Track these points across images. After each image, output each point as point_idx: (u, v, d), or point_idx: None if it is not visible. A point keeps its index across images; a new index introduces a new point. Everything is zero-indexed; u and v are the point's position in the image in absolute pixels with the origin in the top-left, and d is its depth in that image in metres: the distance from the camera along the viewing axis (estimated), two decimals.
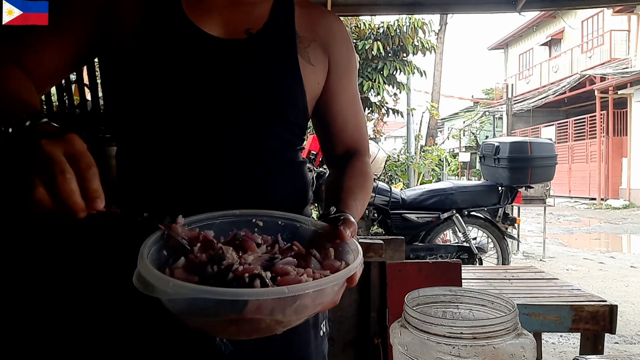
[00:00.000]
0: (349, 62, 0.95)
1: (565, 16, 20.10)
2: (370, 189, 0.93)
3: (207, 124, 0.80)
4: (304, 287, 0.53)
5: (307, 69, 0.87)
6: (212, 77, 0.80)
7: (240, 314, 0.50)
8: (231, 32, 0.83)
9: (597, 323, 2.09)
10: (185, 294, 0.50)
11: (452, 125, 24.21)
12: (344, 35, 0.95)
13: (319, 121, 0.97)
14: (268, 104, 0.84)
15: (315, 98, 0.91)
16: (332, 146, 0.98)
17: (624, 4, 9.92)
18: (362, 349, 1.78)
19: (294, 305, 0.53)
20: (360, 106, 1.01)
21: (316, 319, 0.90)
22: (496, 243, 4.51)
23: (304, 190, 0.92)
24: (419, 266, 1.78)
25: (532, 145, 4.62)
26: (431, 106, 12.74)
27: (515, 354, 0.56)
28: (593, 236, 9.03)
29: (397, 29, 9.08)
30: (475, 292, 0.65)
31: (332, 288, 0.57)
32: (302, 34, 0.89)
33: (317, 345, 0.90)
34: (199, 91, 0.80)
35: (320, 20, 0.93)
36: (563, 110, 20.12)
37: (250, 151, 0.83)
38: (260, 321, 0.52)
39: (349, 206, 0.80)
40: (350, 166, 0.93)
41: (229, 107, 0.81)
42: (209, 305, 0.50)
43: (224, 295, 0.49)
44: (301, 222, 0.70)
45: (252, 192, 0.82)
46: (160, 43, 0.80)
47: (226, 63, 0.81)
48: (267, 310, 0.52)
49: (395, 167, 9.76)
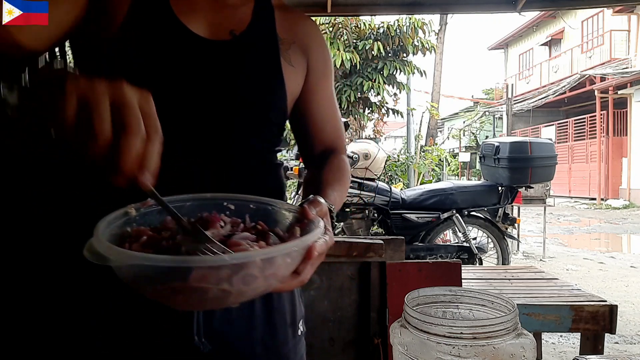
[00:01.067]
0: (325, 64, 0.98)
1: (565, 16, 20.11)
2: (348, 184, 0.95)
3: (190, 123, 0.80)
4: (247, 255, 0.53)
5: (288, 70, 0.89)
6: (197, 77, 0.81)
7: (185, 282, 0.51)
8: (216, 33, 0.84)
9: (597, 323, 2.09)
10: (125, 261, 0.52)
11: (452, 125, 24.21)
12: (320, 38, 0.99)
13: (297, 122, 0.99)
14: (252, 104, 0.85)
15: (295, 99, 0.93)
16: (311, 146, 1.01)
17: (624, 4, 9.91)
18: (362, 349, 1.78)
19: (241, 274, 0.53)
20: (337, 107, 1.04)
21: (293, 317, 0.91)
22: (496, 243, 4.51)
23: (282, 191, 0.93)
24: (419, 266, 1.78)
25: (532, 145, 4.62)
26: (431, 106, 12.75)
27: (515, 354, 0.56)
28: (593, 236, 9.03)
29: (397, 29, 9.09)
30: (475, 292, 0.65)
31: (282, 259, 0.57)
32: (283, 36, 0.91)
33: (295, 344, 0.90)
34: (183, 90, 0.80)
35: (298, 23, 0.96)
36: (563, 110, 20.13)
37: (233, 151, 0.83)
38: (207, 290, 0.52)
39: (328, 196, 0.81)
40: (329, 162, 0.95)
41: (213, 107, 0.81)
42: (152, 273, 0.52)
43: (162, 262, 0.50)
44: (273, 205, 0.70)
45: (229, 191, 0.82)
46: (146, 38, 0.79)
47: (212, 64, 0.82)
48: (213, 279, 0.52)
49: (395, 167, 9.76)
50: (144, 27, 0.79)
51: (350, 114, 9.66)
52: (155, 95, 0.77)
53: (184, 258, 0.54)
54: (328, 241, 0.66)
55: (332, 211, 0.78)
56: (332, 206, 0.79)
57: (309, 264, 0.63)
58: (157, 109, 0.59)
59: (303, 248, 0.60)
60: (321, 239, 0.63)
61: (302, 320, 0.94)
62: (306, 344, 0.95)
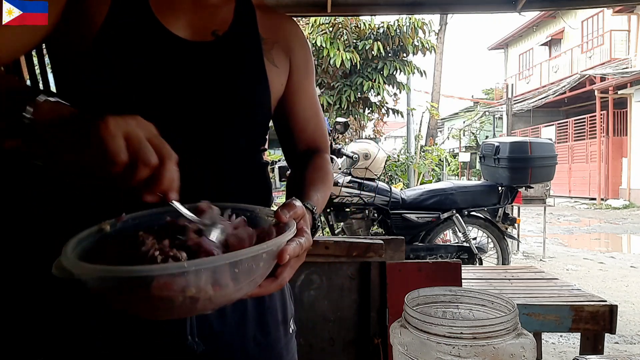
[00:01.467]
0: (307, 63, 0.98)
1: (565, 16, 20.10)
2: (331, 184, 0.96)
3: (173, 126, 0.78)
4: (208, 261, 0.53)
5: (272, 70, 0.89)
6: (179, 80, 0.80)
7: (147, 290, 0.51)
8: (198, 34, 0.83)
9: (597, 323, 2.09)
10: (88, 274, 0.54)
11: (452, 125, 24.21)
12: (302, 39, 0.99)
13: (280, 122, 0.99)
14: (236, 105, 0.85)
15: (278, 99, 0.93)
16: (294, 145, 1.01)
17: (624, 4, 9.90)
18: (362, 349, 1.78)
19: (207, 281, 0.53)
20: (320, 106, 1.04)
21: (285, 315, 0.91)
22: (496, 243, 4.51)
23: (269, 191, 0.94)
24: (419, 266, 1.78)
25: (532, 145, 4.62)
26: (431, 106, 12.75)
27: (515, 354, 0.56)
28: (593, 236, 9.03)
29: (397, 29, 9.10)
30: (475, 292, 0.65)
31: (251, 263, 0.56)
32: (265, 36, 0.91)
33: (287, 342, 0.91)
34: (167, 93, 0.79)
35: (280, 23, 0.95)
36: (563, 110, 20.12)
37: (219, 152, 0.83)
38: (172, 298, 0.52)
39: (310, 197, 0.82)
40: (312, 162, 0.96)
41: (196, 110, 0.81)
42: (115, 284, 0.53)
43: (122, 273, 0.51)
44: (250, 211, 0.70)
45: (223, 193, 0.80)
46: (126, 41, 0.78)
47: (194, 66, 0.81)
48: (178, 286, 0.51)
49: (395, 167, 9.77)
50: (124, 30, 0.78)
51: (350, 114, 9.66)
52: (139, 99, 0.78)
53: (144, 267, 0.53)
54: (303, 243, 0.66)
55: (313, 212, 0.78)
56: (315, 207, 0.79)
57: (286, 267, 0.64)
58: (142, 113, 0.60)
59: (273, 251, 0.59)
60: (295, 241, 0.64)
61: (293, 319, 0.95)
62: (306, 344, 0.95)
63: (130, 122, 0.58)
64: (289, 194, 0.89)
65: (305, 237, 0.67)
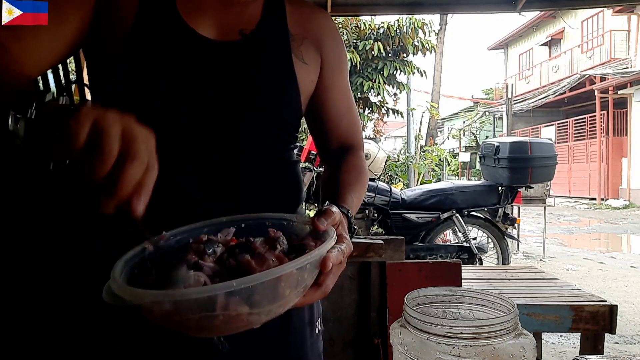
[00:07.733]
0: (340, 57, 0.96)
1: (565, 16, 20.11)
2: (366, 182, 0.94)
3: (203, 128, 0.80)
4: (260, 276, 0.53)
5: (301, 68, 0.87)
6: (205, 81, 0.80)
7: (212, 311, 0.51)
8: (225, 33, 0.83)
9: (597, 323, 2.09)
10: (141, 299, 0.51)
11: (452, 125, 24.21)
12: (334, 31, 0.96)
13: (312, 118, 0.97)
14: (265, 105, 0.84)
15: (309, 96, 0.91)
16: (327, 142, 0.99)
17: (624, 4, 9.92)
18: (362, 349, 1.78)
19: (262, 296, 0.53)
20: (353, 101, 1.01)
21: (311, 316, 0.90)
22: (496, 243, 4.51)
23: (299, 189, 0.92)
24: (419, 266, 1.78)
25: (532, 145, 4.62)
26: (431, 106, 12.75)
27: (515, 354, 0.56)
28: (593, 236, 9.03)
29: (397, 29, 9.09)
30: (475, 292, 0.65)
31: (299, 274, 0.56)
32: (294, 32, 0.88)
33: (312, 344, 0.90)
34: (194, 94, 0.79)
35: (310, 17, 0.93)
36: (563, 110, 20.13)
37: (248, 152, 0.83)
38: (237, 316, 0.52)
39: (345, 200, 0.81)
40: (346, 161, 0.94)
41: (225, 110, 0.81)
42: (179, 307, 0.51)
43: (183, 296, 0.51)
44: (288, 220, 0.70)
45: (251, 193, 0.81)
46: (154, 44, 0.78)
47: (221, 67, 0.81)
48: (239, 304, 0.52)
49: (395, 167, 9.77)
50: (152, 33, 0.78)
51: None
52: (167, 101, 0.78)
53: (207, 287, 0.53)
54: (345, 249, 0.66)
55: (349, 215, 0.77)
56: (350, 210, 0.78)
57: (329, 275, 0.63)
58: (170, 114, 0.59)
59: (316, 261, 0.59)
60: (336, 248, 0.63)
61: (320, 319, 0.94)
62: None
63: (105, 114, 0.52)
64: (324, 193, 0.88)
65: (346, 244, 0.67)
